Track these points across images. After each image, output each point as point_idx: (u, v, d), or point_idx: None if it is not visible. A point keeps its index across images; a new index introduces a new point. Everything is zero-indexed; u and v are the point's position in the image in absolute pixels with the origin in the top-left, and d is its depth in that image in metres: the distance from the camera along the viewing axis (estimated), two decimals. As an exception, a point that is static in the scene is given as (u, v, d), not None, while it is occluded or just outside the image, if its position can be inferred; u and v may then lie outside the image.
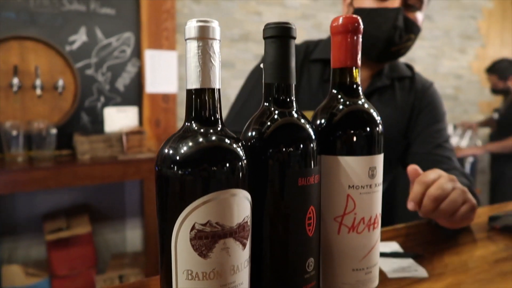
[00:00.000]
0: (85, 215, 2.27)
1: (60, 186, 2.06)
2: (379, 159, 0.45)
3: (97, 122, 2.48)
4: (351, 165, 0.43)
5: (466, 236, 0.77)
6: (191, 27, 0.34)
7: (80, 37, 2.39)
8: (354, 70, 0.46)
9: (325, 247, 0.45)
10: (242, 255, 0.34)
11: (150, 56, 2.60)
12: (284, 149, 0.38)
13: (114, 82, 2.53)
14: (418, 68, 3.97)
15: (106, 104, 2.50)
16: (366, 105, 0.46)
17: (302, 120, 0.40)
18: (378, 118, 0.45)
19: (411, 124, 1.03)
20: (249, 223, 0.35)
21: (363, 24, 0.45)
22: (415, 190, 0.64)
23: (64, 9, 2.31)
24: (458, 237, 0.75)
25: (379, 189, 0.45)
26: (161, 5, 2.64)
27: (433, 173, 0.66)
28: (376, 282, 0.47)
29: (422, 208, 0.63)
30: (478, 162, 3.14)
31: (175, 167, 0.32)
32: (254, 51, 2.99)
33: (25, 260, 2.23)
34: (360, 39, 0.46)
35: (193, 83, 0.34)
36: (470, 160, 3.02)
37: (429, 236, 0.76)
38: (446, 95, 4.21)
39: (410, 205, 0.64)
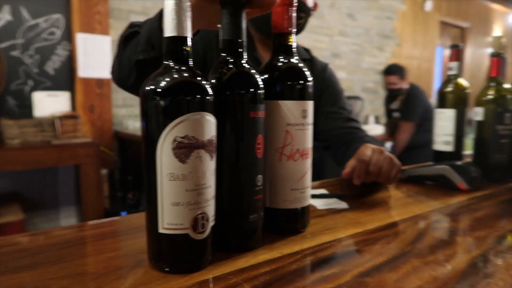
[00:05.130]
0: (16, 203, 2.19)
1: (-13, 171, 1.97)
2: (310, 104, 0.58)
3: (25, 107, 2.37)
4: (289, 107, 0.55)
5: (379, 186, 0.93)
6: (170, -12, 0.44)
7: (3, 16, 2.26)
8: (290, 35, 0.58)
9: (270, 173, 0.56)
10: (210, 164, 0.45)
11: (82, 40, 2.54)
12: (240, 90, 0.49)
13: (43, 65, 2.43)
14: (342, 63, 4.28)
15: (35, 88, 2.40)
16: (299, 63, 0.58)
17: (250, 68, 0.51)
18: (307, 73, 0.58)
19: (314, 104, 1.15)
20: (215, 141, 0.46)
21: None
22: (358, 168, 0.80)
23: (-14, -14, 2.18)
24: (373, 188, 0.90)
25: (310, 128, 0.58)
26: (93, -12, 2.56)
27: (368, 150, 0.82)
28: (308, 201, 0.59)
29: (365, 181, 0.81)
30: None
31: (162, 93, 0.42)
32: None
33: None
34: (295, 11, 0.58)
35: (171, 32, 0.44)
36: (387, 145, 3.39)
37: (350, 185, 0.91)
38: (368, 88, 4.60)
39: (357, 181, 0.80)
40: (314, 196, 0.79)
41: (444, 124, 1.07)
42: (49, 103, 2.44)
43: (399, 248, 0.53)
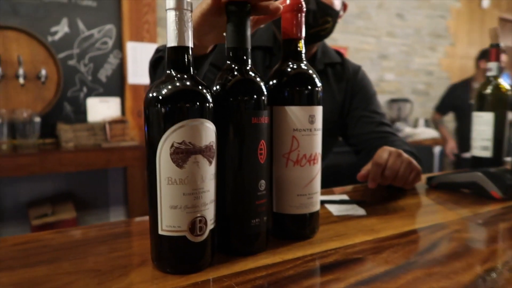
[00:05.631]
0: (69, 202, 2.34)
1: (45, 172, 2.12)
2: (318, 109, 0.58)
3: (80, 112, 2.54)
4: (295, 112, 0.56)
5: (406, 192, 0.90)
6: (171, 0, 0.46)
7: (62, 28, 2.44)
8: (299, 41, 0.59)
9: (276, 178, 0.57)
10: (209, 169, 0.47)
11: (132, 48, 2.67)
12: (242, 96, 0.50)
13: (96, 73, 2.59)
14: (391, 64, 4.14)
15: (89, 94, 2.56)
16: (308, 69, 0.58)
17: (254, 75, 0.52)
18: (316, 78, 0.58)
19: (345, 107, 1.15)
20: (214, 147, 0.47)
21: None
22: (374, 172, 0.79)
23: (46, 0, 2.36)
24: (399, 194, 0.88)
25: (318, 133, 0.58)
26: (142, -2, 2.70)
27: (384, 153, 0.81)
28: (317, 207, 0.59)
29: (381, 185, 0.80)
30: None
31: (160, 101, 0.45)
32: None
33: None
34: (303, 17, 0.59)
35: (172, 42, 0.47)
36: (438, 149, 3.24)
37: (373, 191, 0.89)
38: (418, 90, 4.42)
39: (372, 185, 0.79)
40: (332, 202, 0.78)
41: (482, 128, 1.01)
42: (101, 109, 2.59)
43: (405, 257, 0.51)
